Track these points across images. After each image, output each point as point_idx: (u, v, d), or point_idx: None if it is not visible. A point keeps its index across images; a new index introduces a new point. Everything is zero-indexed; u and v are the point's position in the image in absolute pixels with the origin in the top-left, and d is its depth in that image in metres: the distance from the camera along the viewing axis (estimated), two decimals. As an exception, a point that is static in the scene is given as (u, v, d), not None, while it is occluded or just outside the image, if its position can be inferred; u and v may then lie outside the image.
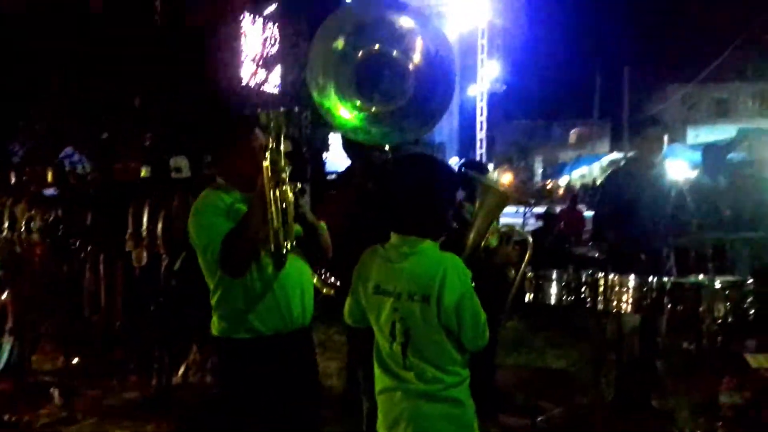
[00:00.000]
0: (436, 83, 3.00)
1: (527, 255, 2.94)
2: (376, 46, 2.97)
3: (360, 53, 2.98)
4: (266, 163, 2.45)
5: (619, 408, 4.64)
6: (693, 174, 30.60)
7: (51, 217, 5.43)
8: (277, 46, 16.14)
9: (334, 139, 14.63)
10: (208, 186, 2.81)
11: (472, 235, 2.81)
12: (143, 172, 5.50)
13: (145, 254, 5.21)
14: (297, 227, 2.65)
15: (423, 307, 2.33)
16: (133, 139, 8.42)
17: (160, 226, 5.10)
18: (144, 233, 5.16)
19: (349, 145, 3.73)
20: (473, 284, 2.37)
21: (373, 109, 3.01)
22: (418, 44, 3.00)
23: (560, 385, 5.15)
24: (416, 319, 2.35)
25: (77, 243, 5.38)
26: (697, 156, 34.70)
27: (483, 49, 27.13)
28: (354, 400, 3.75)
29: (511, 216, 13.98)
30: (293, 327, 2.73)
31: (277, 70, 16.35)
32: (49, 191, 6.16)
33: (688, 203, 4.85)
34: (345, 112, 3.00)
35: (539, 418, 4.35)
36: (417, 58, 2.98)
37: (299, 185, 2.60)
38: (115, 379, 5.37)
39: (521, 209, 16.12)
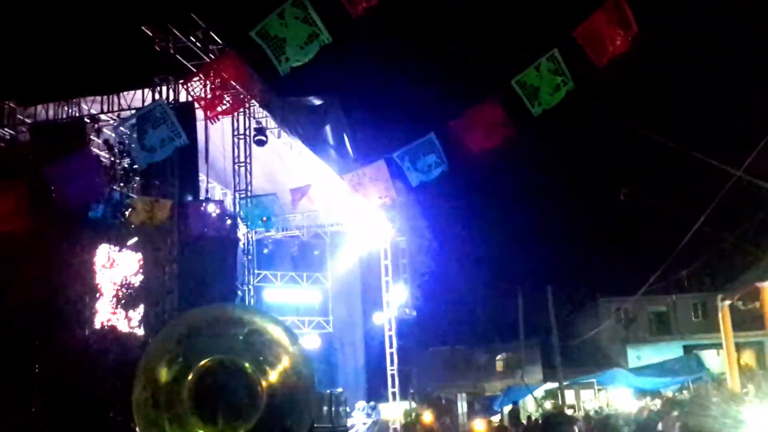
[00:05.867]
0: (295, 397, 2.90)
1: None
2: (216, 358, 2.87)
3: (195, 370, 2.86)
4: None
5: None
6: (639, 403, 30.85)
7: None
8: (140, 278, 16.07)
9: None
10: None
11: None
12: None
13: None
14: None
15: None
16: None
17: None
18: None
19: None
20: None
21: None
22: (274, 354, 2.93)
23: None
24: None
25: None
26: (641, 382, 35.43)
27: (387, 271, 27.76)
28: None
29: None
30: None
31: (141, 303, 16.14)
32: None
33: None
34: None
35: None
36: (271, 370, 2.88)
37: None
38: None
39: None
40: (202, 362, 2.86)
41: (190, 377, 2.85)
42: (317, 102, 21.26)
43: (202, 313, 3.36)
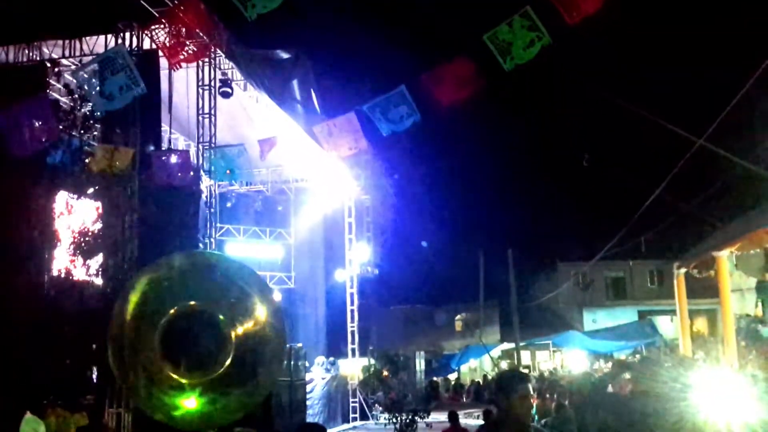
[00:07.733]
0: (265, 350, 2.81)
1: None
2: (191, 304, 2.77)
3: (170, 313, 2.75)
4: None
5: None
6: (593, 365, 31.22)
7: None
8: (99, 226, 15.76)
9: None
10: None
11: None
12: None
13: None
14: None
15: None
16: None
17: None
18: None
19: None
20: None
21: (186, 381, 2.77)
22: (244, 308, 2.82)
23: None
24: None
25: None
26: (596, 344, 35.89)
27: (351, 229, 27.62)
28: None
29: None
30: None
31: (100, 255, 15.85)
32: None
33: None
34: (177, 401, 2.74)
35: None
36: (244, 323, 2.78)
37: None
38: None
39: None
40: (178, 307, 2.74)
41: (164, 320, 2.73)
42: (285, 56, 20.83)
43: (189, 258, 3.23)
